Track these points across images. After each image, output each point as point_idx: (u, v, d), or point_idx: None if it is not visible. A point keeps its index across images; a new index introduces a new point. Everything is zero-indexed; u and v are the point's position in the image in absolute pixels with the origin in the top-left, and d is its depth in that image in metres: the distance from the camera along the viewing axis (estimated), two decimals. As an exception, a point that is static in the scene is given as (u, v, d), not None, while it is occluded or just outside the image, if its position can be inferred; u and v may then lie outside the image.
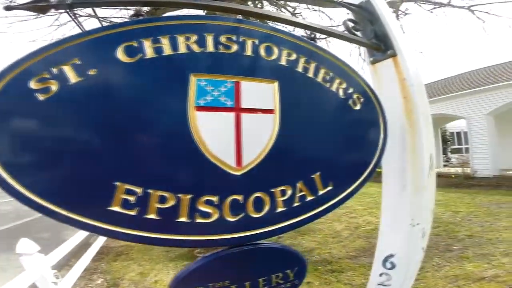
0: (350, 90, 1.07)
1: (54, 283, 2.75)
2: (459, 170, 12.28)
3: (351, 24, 1.35)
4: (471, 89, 12.63)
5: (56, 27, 4.93)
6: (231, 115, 0.87)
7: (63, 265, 4.21)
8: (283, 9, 7.15)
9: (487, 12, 6.76)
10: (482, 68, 15.06)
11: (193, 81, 0.81)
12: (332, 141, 1.06)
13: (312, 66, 1.01)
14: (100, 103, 0.72)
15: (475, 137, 12.35)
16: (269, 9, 6.93)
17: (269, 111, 0.92)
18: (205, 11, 1.60)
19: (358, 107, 1.08)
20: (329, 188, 0.98)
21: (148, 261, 4.57)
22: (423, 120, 1.25)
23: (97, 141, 0.72)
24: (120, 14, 5.19)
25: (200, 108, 0.82)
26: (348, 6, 1.42)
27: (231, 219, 0.82)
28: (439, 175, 12.61)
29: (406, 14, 7.25)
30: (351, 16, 1.45)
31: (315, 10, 7.11)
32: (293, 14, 6.96)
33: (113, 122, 0.73)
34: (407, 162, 1.24)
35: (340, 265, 4.10)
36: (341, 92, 1.05)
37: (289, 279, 1.01)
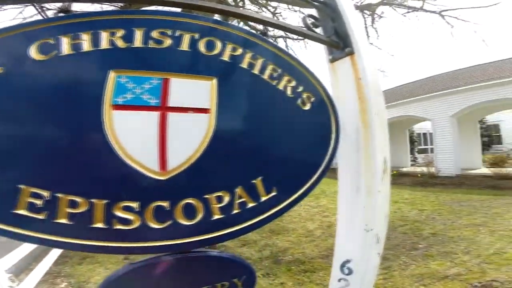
0: (300, 89, 1.01)
1: (10, 287, 2.56)
2: (425, 169, 12.98)
3: (310, 20, 1.30)
4: (435, 92, 13.40)
5: (20, 19, 4.70)
6: (155, 115, 0.77)
7: (23, 269, 4.00)
8: (264, 9, 7.10)
9: (456, 17, 7.17)
10: (447, 72, 16.04)
11: (112, 77, 0.74)
12: (277, 143, 0.99)
13: (258, 62, 0.94)
14: (5, 102, 0.67)
15: (439, 138, 13.14)
16: (250, 8, 6.85)
17: (204, 110, 0.83)
18: (181, 9, 1.50)
19: (307, 107, 1.02)
20: (273, 194, 0.91)
21: (114, 264, 4.36)
22: (378, 121, 1.21)
23: (3, 142, 0.67)
24: (93, 8, 4.94)
25: (118, 106, 0.73)
26: (311, 2, 1.37)
27: (157, 226, 0.75)
28: (407, 174, 13.26)
29: (381, 17, 7.48)
30: (314, 13, 1.41)
31: (295, 11, 7.14)
32: (274, 14, 6.94)
33: (19, 121, 0.68)
34: (360, 164, 1.20)
35: (313, 265, 4.15)
36: (289, 91, 0.98)
37: (237, 288, 0.96)
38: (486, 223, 5.45)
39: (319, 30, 1.35)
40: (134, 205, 0.73)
